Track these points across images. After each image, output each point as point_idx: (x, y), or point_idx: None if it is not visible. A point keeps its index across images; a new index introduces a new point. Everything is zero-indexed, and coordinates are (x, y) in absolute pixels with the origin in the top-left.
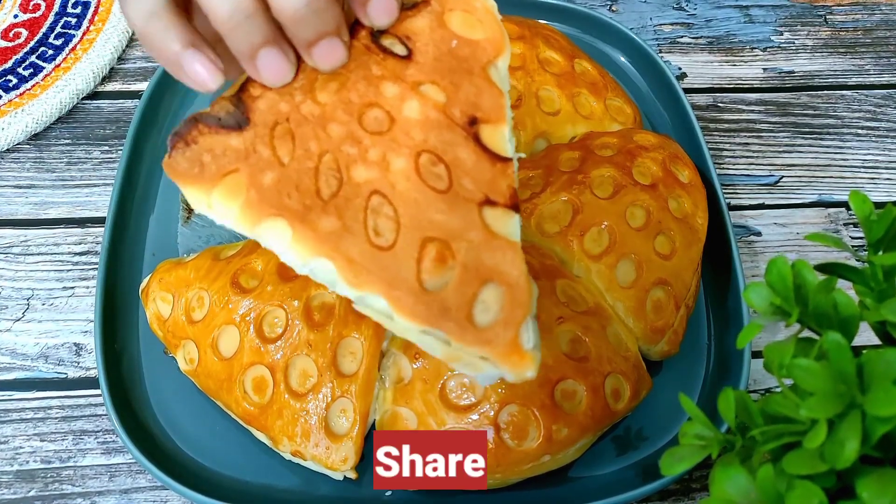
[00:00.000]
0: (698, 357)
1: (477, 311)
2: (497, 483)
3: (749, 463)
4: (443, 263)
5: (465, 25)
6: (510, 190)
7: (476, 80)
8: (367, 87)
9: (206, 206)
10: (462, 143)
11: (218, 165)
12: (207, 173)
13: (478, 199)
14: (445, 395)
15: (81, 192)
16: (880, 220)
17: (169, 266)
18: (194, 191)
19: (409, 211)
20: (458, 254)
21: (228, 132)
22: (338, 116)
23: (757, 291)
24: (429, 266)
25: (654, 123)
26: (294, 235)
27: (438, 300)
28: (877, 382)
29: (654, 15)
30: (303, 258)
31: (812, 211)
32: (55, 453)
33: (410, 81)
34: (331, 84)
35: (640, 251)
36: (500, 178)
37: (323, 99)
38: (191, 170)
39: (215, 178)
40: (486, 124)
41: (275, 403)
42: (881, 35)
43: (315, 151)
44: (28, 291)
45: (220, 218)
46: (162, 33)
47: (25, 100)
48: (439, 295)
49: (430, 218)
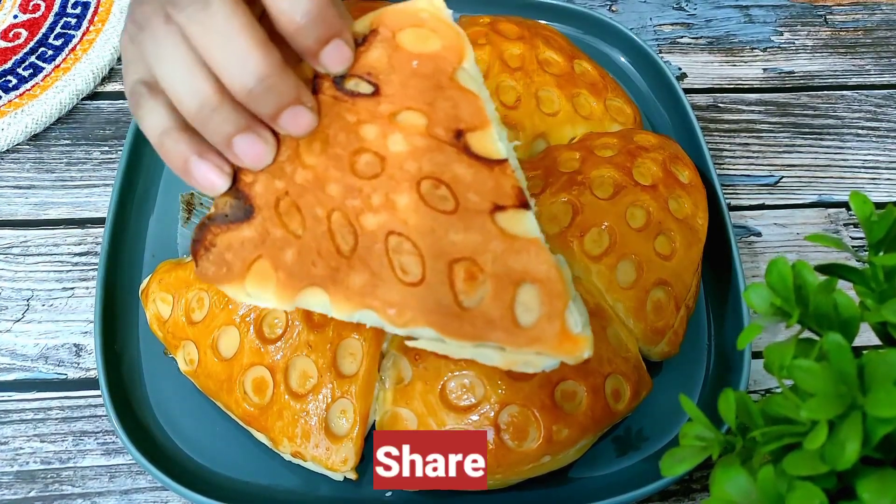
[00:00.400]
0: (698, 358)
1: (519, 314)
2: (497, 484)
3: (749, 464)
4: (474, 280)
5: (419, 41)
6: (515, 190)
7: (448, 92)
8: (348, 136)
9: (246, 297)
10: (455, 159)
11: (241, 259)
12: (235, 269)
13: (488, 209)
14: (445, 396)
15: (81, 192)
16: (881, 221)
17: (169, 267)
18: (231, 289)
19: (427, 241)
20: (485, 267)
21: (239, 225)
22: (331, 175)
23: (757, 292)
24: (462, 287)
25: (654, 124)
26: (332, 298)
27: (481, 315)
28: (878, 383)
29: (653, 15)
30: (347, 314)
31: (812, 211)
32: (55, 454)
33: (386, 116)
34: (314, 146)
35: (640, 252)
36: (502, 180)
37: (311, 162)
38: (219, 271)
39: (243, 271)
40: (472, 133)
41: (275, 404)
42: (881, 35)
43: (323, 215)
44: (28, 292)
45: (263, 303)
46: (173, 147)
47: (25, 100)
48: (480, 310)
49: (449, 241)
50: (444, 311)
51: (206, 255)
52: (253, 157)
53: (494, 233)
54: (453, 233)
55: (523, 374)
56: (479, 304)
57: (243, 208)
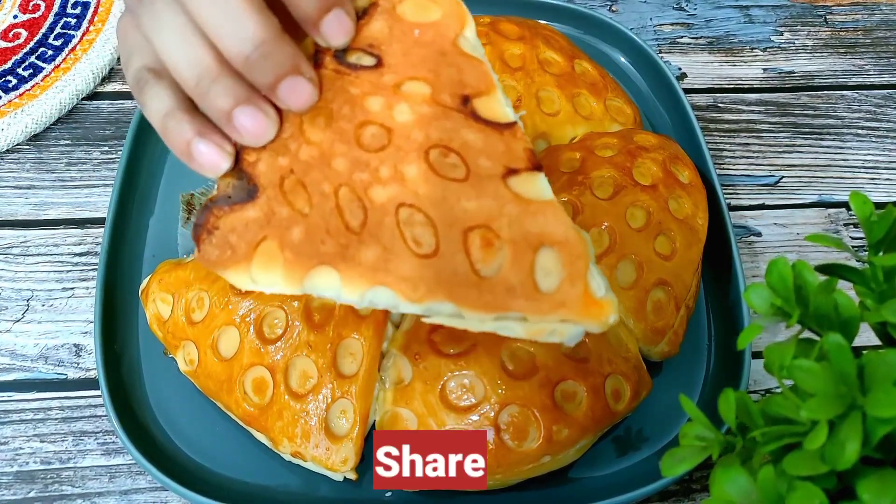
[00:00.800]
0: (698, 358)
1: (540, 279)
2: (497, 484)
3: (749, 464)
4: (490, 247)
5: (420, 10)
6: (527, 152)
7: (451, 58)
8: (353, 109)
9: (251, 283)
10: (463, 125)
11: (246, 241)
12: (240, 252)
13: (500, 173)
14: (445, 396)
15: (81, 192)
16: (881, 221)
17: (169, 267)
18: (235, 273)
19: (440, 211)
20: (501, 232)
21: (243, 206)
22: (337, 149)
23: (757, 292)
24: (478, 255)
25: (654, 124)
26: (342, 276)
27: (500, 283)
28: (877, 384)
29: (654, 15)
30: (359, 293)
31: (812, 211)
32: (55, 454)
33: (391, 87)
34: (318, 121)
35: (640, 252)
36: (513, 143)
37: (316, 138)
38: (223, 255)
39: (248, 253)
40: (478, 98)
41: (275, 404)
42: (881, 35)
43: (330, 191)
44: (28, 292)
45: (269, 288)
46: (175, 128)
47: (25, 100)
48: (499, 278)
49: (462, 209)
50: (462, 281)
51: (208, 238)
52: (254, 132)
53: (508, 197)
54: (466, 200)
55: (523, 373)
56: (498, 272)
57: (247, 188)
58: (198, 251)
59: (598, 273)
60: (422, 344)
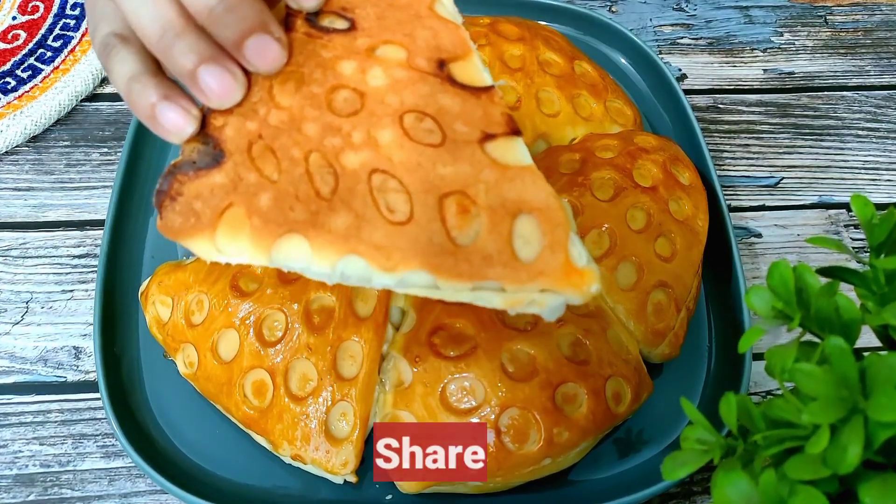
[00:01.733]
0: (699, 360)
1: (518, 247)
2: (498, 486)
3: (751, 467)
4: (467, 213)
5: None
6: (504, 117)
7: (427, 22)
8: (325, 73)
9: (215, 252)
10: (440, 89)
11: (211, 207)
12: (204, 219)
13: (477, 138)
14: (446, 399)
15: (80, 194)
16: (882, 224)
17: (168, 269)
18: (198, 242)
19: (414, 177)
20: (477, 199)
21: (209, 171)
22: (307, 114)
23: (759, 295)
24: (455, 221)
25: (654, 125)
26: (312, 245)
27: (477, 251)
28: (879, 387)
29: (653, 16)
30: (330, 263)
31: (812, 212)
32: (54, 457)
33: (364, 50)
34: (288, 85)
35: (640, 253)
36: (490, 108)
37: (286, 103)
38: (186, 223)
39: (213, 220)
40: (455, 62)
41: (275, 407)
42: (881, 36)
43: (300, 157)
44: (27, 294)
45: (234, 256)
46: (140, 92)
47: (24, 102)
48: (476, 246)
49: (438, 175)
50: (437, 249)
51: (171, 205)
52: (219, 92)
53: (486, 162)
54: (441, 166)
55: (524, 376)
56: (475, 240)
57: (212, 153)
58: (160, 219)
59: (578, 242)
60: (422, 346)
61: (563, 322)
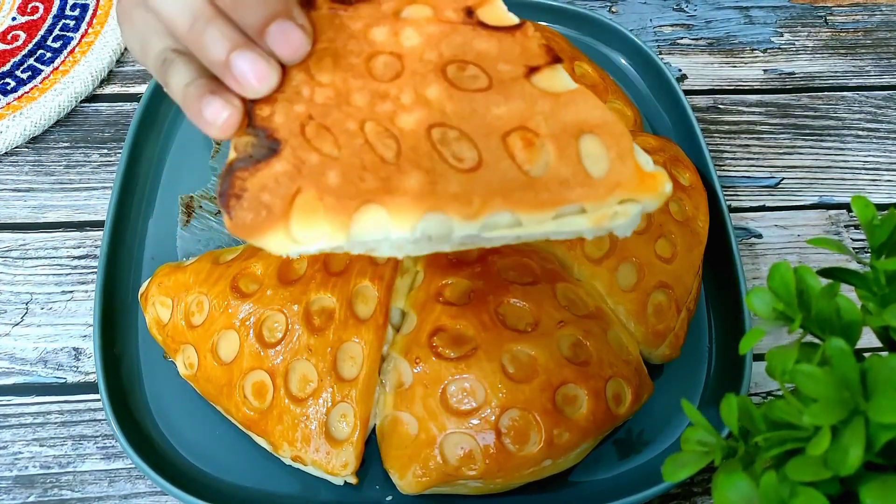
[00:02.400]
0: (699, 360)
1: (589, 166)
2: (498, 488)
3: (752, 469)
4: (532, 146)
5: None
6: (542, 48)
7: None
8: (359, 43)
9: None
10: (473, 36)
11: (280, 197)
12: (276, 210)
13: (522, 73)
14: (446, 400)
15: (80, 195)
16: (883, 225)
17: (168, 270)
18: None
19: (472, 123)
20: (539, 130)
21: (268, 162)
22: (352, 85)
23: (759, 297)
24: (524, 156)
25: (654, 126)
26: (389, 211)
27: (553, 179)
28: (880, 389)
29: (653, 16)
30: (411, 225)
31: (813, 213)
32: (54, 458)
33: (391, 14)
34: (325, 62)
35: (641, 255)
36: (526, 43)
37: (327, 80)
38: (258, 217)
39: (285, 209)
40: (481, 7)
41: (275, 408)
42: (882, 36)
43: (355, 128)
44: (27, 295)
45: (311, 244)
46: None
47: (24, 103)
48: (550, 174)
49: (494, 116)
50: (514, 185)
51: (238, 203)
52: (255, 77)
53: (537, 94)
54: (495, 107)
55: (524, 377)
56: (547, 169)
57: (267, 144)
58: (228, 219)
59: (640, 150)
60: (422, 347)
61: (564, 323)
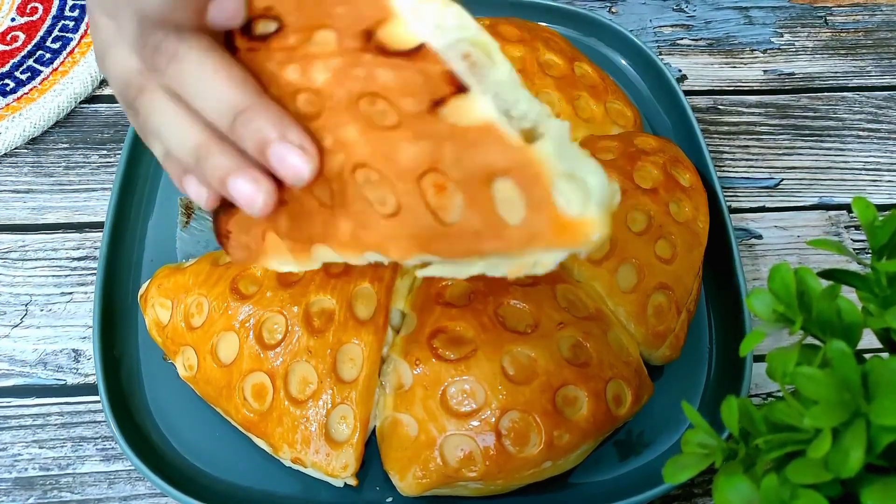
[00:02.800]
0: (700, 362)
1: (504, 212)
2: (498, 489)
3: (752, 471)
4: (444, 191)
5: None
6: (445, 76)
7: None
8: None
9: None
10: (375, 65)
11: (254, 238)
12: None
13: (426, 108)
14: (446, 402)
15: (79, 196)
16: (884, 226)
17: (168, 272)
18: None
19: (388, 165)
20: (448, 173)
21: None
22: None
23: (760, 298)
24: (436, 202)
25: (654, 126)
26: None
27: (466, 228)
28: (882, 391)
29: (653, 17)
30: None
31: (813, 214)
32: (54, 460)
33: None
34: None
35: (641, 256)
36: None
37: None
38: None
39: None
40: (380, 28)
41: (275, 410)
42: (882, 36)
43: None
44: (26, 297)
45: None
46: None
47: (23, 104)
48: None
49: (407, 157)
50: (431, 233)
51: (228, 242)
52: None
53: (444, 132)
54: (406, 147)
55: (524, 378)
56: (461, 217)
57: None
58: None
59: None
60: (422, 349)
61: (564, 325)
